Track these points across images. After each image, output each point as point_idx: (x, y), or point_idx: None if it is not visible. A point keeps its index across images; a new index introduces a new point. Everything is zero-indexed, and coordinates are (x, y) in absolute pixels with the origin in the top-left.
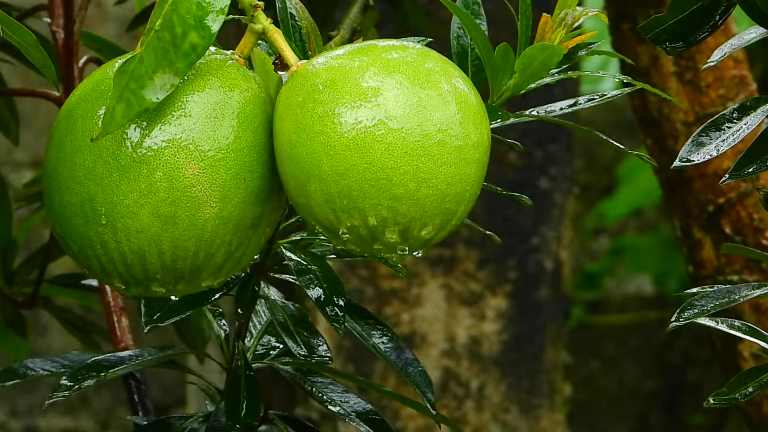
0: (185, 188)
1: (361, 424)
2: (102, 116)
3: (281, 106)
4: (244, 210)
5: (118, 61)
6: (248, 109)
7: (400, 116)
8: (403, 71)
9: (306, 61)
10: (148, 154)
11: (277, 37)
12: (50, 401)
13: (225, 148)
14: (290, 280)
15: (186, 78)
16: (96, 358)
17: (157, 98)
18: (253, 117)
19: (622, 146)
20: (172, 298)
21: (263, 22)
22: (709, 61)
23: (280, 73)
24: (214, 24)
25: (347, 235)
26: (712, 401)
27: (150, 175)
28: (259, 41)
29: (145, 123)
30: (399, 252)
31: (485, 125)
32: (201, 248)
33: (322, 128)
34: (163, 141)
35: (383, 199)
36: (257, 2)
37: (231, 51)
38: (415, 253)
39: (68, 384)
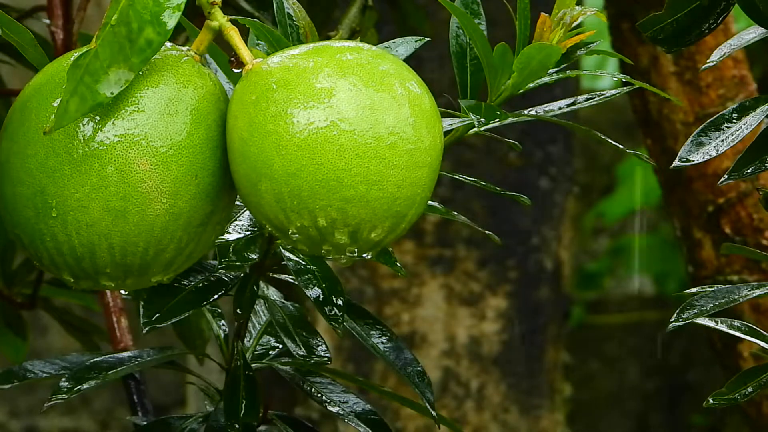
0: (136, 183)
1: (361, 424)
2: (56, 109)
3: (235, 104)
4: (195, 207)
5: (74, 54)
6: (202, 106)
7: (353, 118)
8: (357, 73)
9: (261, 59)
10: (100, 148)
11: (233, 34)
12: (50, 403)
13: (177, 145)
14: (289, 280)
15: (141, 73)
16: (95, 359)
17: (112, 93)
18: (206, 114)
19: (621, 146)
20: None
21: (220, 19)
22: (708, 61)
23: (236, 71)
24: (170, 20)
25: (297, 236)
26: (712, 401)
27: (101, 170)
28: (258, 42)
29: (98, 117)
30: (348, 254)
31: (438, 129)
32: (151, 244)
33: (275, 127)
34: (116, 136)
35: (333, 200)
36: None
37: (187, 48)
38: (364, 255)
39: (68, 386)
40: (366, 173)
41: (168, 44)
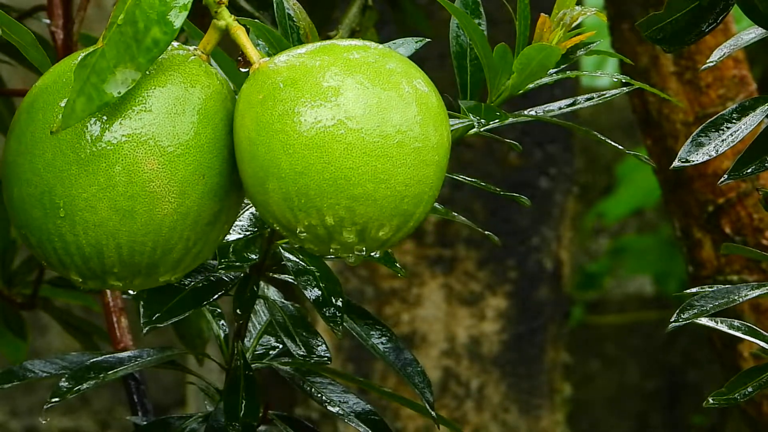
0: (144, 183)
1: (360, 424)
2: (63, 109)
3: (242, 104)
4: (203, 206)
5: (81, 54)
6: (209, 106)
7: (360, 116)
8: (364, 71)
9: (268, 59)
10: (108, 148)
11: (240, 33)
12: (49, 405)
13: (184, 144)
14: (289, 280)
15: (147, 73)
16: (95, 359)
17: (119, 93)
18: (213, 113)
19: (620, 146)
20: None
21: (227, 18)
22: (708, 61)
23: (243, 70)
24: (177, 20)
25: (304, 234)
26: (712, 401)
27: (109, 169)
28: (259, 41)
29: (105, 117)
30: (356, 252)
31: (445, 127)
32: (159, 243)
33: (282, 126)
34: (123, 135)
35: (341, 198)
36: None
37: (193, 47)
38: (372, 254)
39: (68, 386)
40: (373, 171)
41: (175, 44)
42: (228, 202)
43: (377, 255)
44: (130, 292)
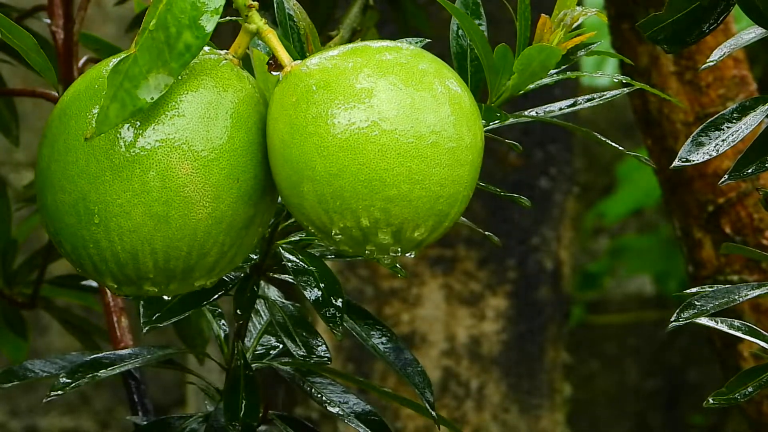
0: (178, 188)
1: (360, 424)
2: (96, 115)
3: (275, 107)
4: (237, 210)
5: (113, 61)
6: (241, 110)
7: (394, 118)
8: (397, 72)
9: (300, 61)
10: (142, 153)
11: (272, 37)
12: (48, 398)
13: (218, 149)
14: (289, 280)
15: (180, 78)
16: (95, 356)
17: (152, 98)
18: (246, 117)
19: (620, 147)
20: (165, 298)
21: (257, 22)
22: (708, 60)
23: (274, 73)
24: (209, 24)
25: (340, 236)
26: (711, 401)
27: (143, 175)
28: (259, 42)
29: (138, 123)
30: (392, 253)
31: (479, 127)
32: (194, 248)
33: (316, 129)
34: (157, 141)
35: (376, 200)
36: (251, 2)
37: (225, 51)
38: (407, 254)
39: (66, 381)
40: (408, 172)
41: (206, 48)
42: (262, 205)
43: (412, 255)
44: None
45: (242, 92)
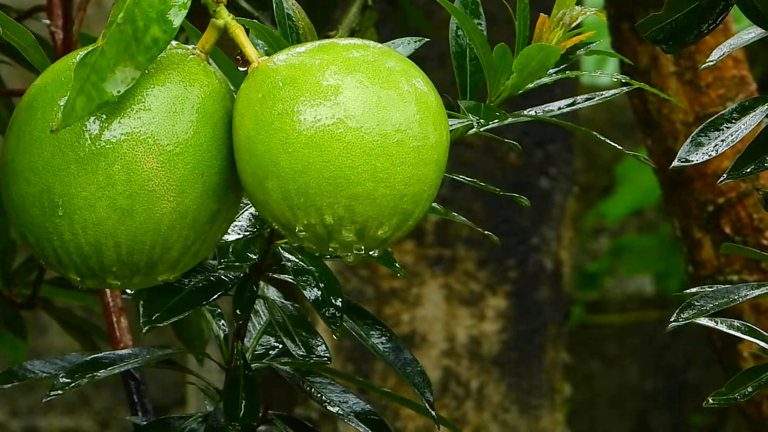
0: (143, 182)
1: (360, 424)
2: (62, 107)
3: (241, 102)
4: (202, 205)
5: (80, 53)
6: (208, 105)
7: (360, 115)
8: (364, 70)
9: (267, 57)
10: (107, 146)
11: (239, 32)
12: (48, 398)
13: (183, 143)
14: (289, 280)
15: (147, 72)
16: (94, 356)
17: (118, 91)
18: (212, 112)
19: (620, 147)
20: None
21: (225, 17)
22: (708, 60)
23: (241, 69)
24: (176, 18)
25: (303, 233)
26: (711, 401)
27: (108, 168)
28: (258, 41)
29: (104, 116)
30: (355, 251)
31: (444, 126)
32: (157, 242)
33: (281, 125)
34: (122, 134)
35: (340, 197)
36: None
37: (192, 46)
38: (371, 253)
39: (66, 381)
40: (373, 170)
41: (174, 43)
42: (227, 201)
43: (376, 254)
44: (129, 291)
45: (209, 87)
